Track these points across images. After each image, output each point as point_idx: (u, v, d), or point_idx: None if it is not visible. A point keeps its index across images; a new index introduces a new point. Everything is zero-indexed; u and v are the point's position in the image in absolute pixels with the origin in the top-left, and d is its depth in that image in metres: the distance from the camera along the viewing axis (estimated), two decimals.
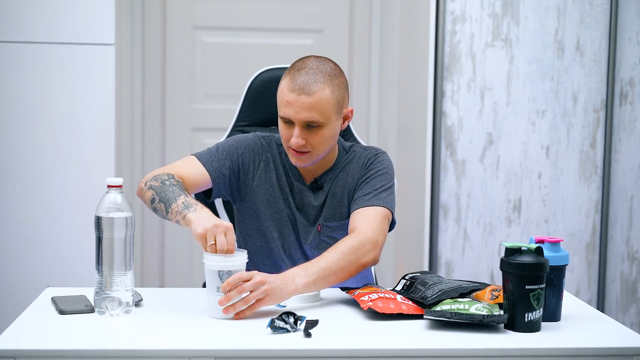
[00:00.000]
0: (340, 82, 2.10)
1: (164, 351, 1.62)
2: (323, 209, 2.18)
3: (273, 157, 2.20)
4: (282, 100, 2.07)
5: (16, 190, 3.15)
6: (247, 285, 1.79)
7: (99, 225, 1.78)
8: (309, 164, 2.14)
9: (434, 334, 1.73)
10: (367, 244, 2.01)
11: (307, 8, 3.80)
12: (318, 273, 1.91)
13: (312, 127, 2.06)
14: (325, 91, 2.05)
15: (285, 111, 2.06)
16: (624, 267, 3.30)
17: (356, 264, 1.99)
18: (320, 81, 2.05)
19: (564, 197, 3.28)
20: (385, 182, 2.15)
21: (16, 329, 1.72)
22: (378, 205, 2.10)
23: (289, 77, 2.07)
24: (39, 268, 3.16)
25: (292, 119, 2.06)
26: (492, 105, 3.22)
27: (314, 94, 2.04)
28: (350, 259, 1.98)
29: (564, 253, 1.84)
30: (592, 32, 3.24)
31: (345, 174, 2.19)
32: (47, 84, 3.13)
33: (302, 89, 2.04)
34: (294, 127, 2.06)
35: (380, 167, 2.18)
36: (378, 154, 2.21)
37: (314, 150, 2.09)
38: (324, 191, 2.19)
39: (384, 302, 1.84)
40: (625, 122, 3.26)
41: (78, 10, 3.11)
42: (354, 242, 2.01)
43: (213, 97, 3.78)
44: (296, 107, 2.04)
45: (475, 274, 3.25)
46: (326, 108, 2.06)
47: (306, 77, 2.05)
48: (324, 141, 2.10)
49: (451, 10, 3.18)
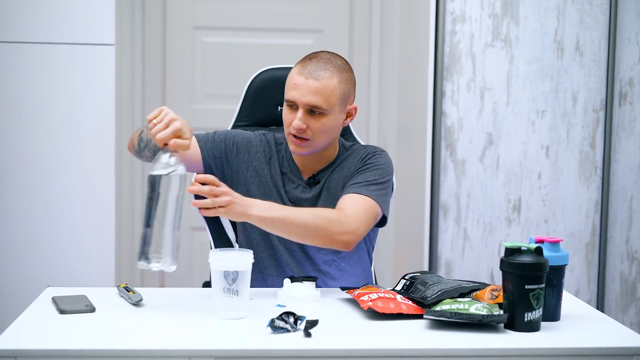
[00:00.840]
0: (349, 77, 2.15)
1: (164, 351, 1.63)
2: (317, 202, 2.19)
3: (270, 152, 2.23)
4: (290, 83, 2.12)
5: (16, 190, 3.15)
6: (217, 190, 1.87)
7: (153, 185, 1.82)
8: (307, 153, 2.15)
9: (434, 334, 1.73)
10: (345, 226, 2.01)
11: (307, 8, 3.80)
12: (279, 215, 1.95)
13: (314, 113, 2.10)
14: (333, 79, 2.10)
15: (291, 93, 2.10)
16: (624, 267, 3.30)
17: (323, 234, 1.99)
18: (329, 70, 2.11)
19: (563, 197, 3.28)
20: (380, 177, 2.14)
21: (16, 328, 1.72)
22: (367, 195, 2.09)
23: (300, 64, 2.15)
24: (39, 268, 3.16)
25: (297, 102, 2.09)
26: (492, 105, 3.22)
27: (322, 80, 2.09)
28: (320, 225, 1.98)
29: (564, 253, 1.84)
30: (591, 32, 3.24)
31: (342, 168, 2.21)
32: (47, 84, 3.13)
33: (311, 73, 2.10)
34: (297, 110, 2.10)
35: (377, 162, 2.18)
36: (377, 151, 2.22)
37: (313, 138, 2.12)
38: (319, 185, 2.20)
39: (384, 302, 1.84)
40: (625, 122, 3.26)
41: (78, 10, 3.11)
42: (333, 215, 2.02)
43: (213, 97, 3.78)
44: (302, 90, 2.09)
45: (475, 274, 3.25)
46: (331, 96, 2.10)
47: (317, 64, 2.12)
48: (325, 130, 2.12)
49: (451, 10, 3.18)
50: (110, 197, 3.18)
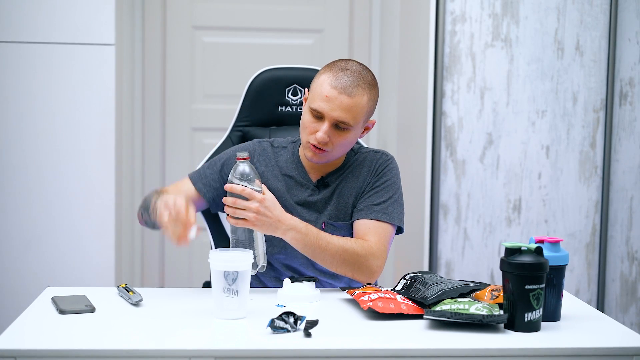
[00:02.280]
0: (376, 94, 2.15)
1: (164, 351, 1.63)
2: (328, 206, 2.18)
3: (267, 159, 2.22)
4: (321, 93, 2.07)
5: (16, 190, 3.15)
6: (247, 192, 1.93)
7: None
8: (323, 162, 2.15)
9: (434, 334, 1.73)
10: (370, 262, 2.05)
11: (307, 8, 3.80)
12: (313, 241, 1.99)
13: (339, 128, 2.08)
14: (364, 97, 2.08)
15: (321, 105, 2.07)
16: (624, 267, 3.30)
17: (350, 267, 2.02)
18: (362, 87, 2.08)
19: (563, 197, 3.28)
20: (393, 193, 2.17)
21: (16, 329, 1.72)
22: (384, 221, 2.12)
23: (331, 74, 2.09)
24: (39, 268, 3.16)
25: (325, 114, 2.07)
26: (492, 105, 3.22)
27: (354, 97, 2.07)
28: (349, 259, 2.01)
29: (564, 253, 1.84)
30: (592, 32, 3.24)
31: (355, 176, 2.20)
32: (47, 84, 3.13)
33: (345, 89, 2.06)
34: (322, 123, 2.08)
35: (389, 176, 2.19)
36: (389, 161, 2.22)
37: (333, 150, 2.11)
38: (330, 189, 2.19)
39: (384, 302, 1.84)
40: (625, 122, 3.26)
41: (78, 10, 3.11)
42: (362, 251, 2.04)
43: (213, 97, 3.78)
44: (333, 105, 2.06)
45: (475, 274, 3.25)
46: (359, 114, 2.09)
47: (350, 78, 2.08)
48: (345, 144, 2.12)
49: (451, 10, 3.18)
50: (110, 197, 3.18)
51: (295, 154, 2.22)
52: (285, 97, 2.52)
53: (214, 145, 2.52)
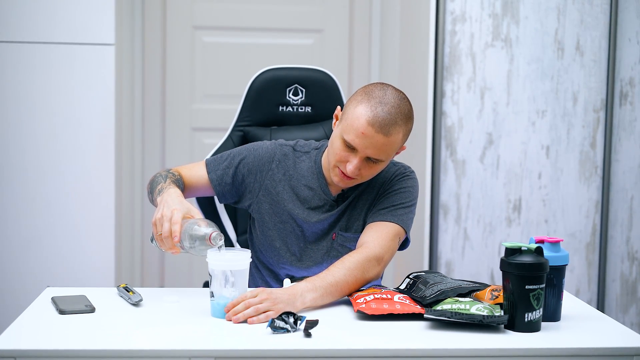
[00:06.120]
0: (411, 125, 2.08)
1: (164, 351, 1.62)
2: (341, 218, 2.17)
3: (286, 166, 2.19)
4: (357, 128, 2.00)
5: (16, 190, 3.15)
6: (254, 300, 1.79)
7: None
8: (348, 187, 2.14)
9: (434, 334, 1.73)
10: (372, 260, 2.02)
11: (307, 8, 3.80)
12: (325, 288, 1.92)
13: (371, 160, 2.05)
14: (399, 135, 2.03)
15: (355, 140, 2.01)
16: (624, 267, 3.30)
17: (361, 279, 2.00)
18: (399, 124, 2.02)
19: (564, 197, 3.28)
20: (406, 200, 2.14)
21: (16, 329, 1.72)
22: (392, 221, 2.10)
23: (369, 107, 2.01)
24: (39, 268, 3.16)
25: (358, 150, 2.02)
26: (492, 105, 3.22)
27: (391, 136, 2.01)
28: (357, 275, 1.98)
29: (564, 253, 1.84)
30: (592, 32, 3.24)
31: (371, 188, 2.18)
32: (46, 84, 3.13)
33: (382, 127, 1.99)
34: (354, 155, 2.03)
35: (405, 185, 2.16)
36: (406, 173, 2.19)
37: (362, 179, 2.09)
38: (345, 203, 2.17)
39: (377, 302, 1.84)
40: (625, 122, 3.26)
41: (78, 10, 3.11)
42: (360, 257, 2.01)
43: (213, 97, 3.78)
44: (368, 142, 2.00)
45: (475, 274, 3.25)
46: (393, 150, 2.05)
47: (388, 116, 2.00)
48: (375, 173, 2.09)
49: (451, 10, 3.18)
50: (110, 197, 3.18)
51: (317, 163, 2.19)
52: (286, 97, 2.52)
53: (214, 145, 2.52)
